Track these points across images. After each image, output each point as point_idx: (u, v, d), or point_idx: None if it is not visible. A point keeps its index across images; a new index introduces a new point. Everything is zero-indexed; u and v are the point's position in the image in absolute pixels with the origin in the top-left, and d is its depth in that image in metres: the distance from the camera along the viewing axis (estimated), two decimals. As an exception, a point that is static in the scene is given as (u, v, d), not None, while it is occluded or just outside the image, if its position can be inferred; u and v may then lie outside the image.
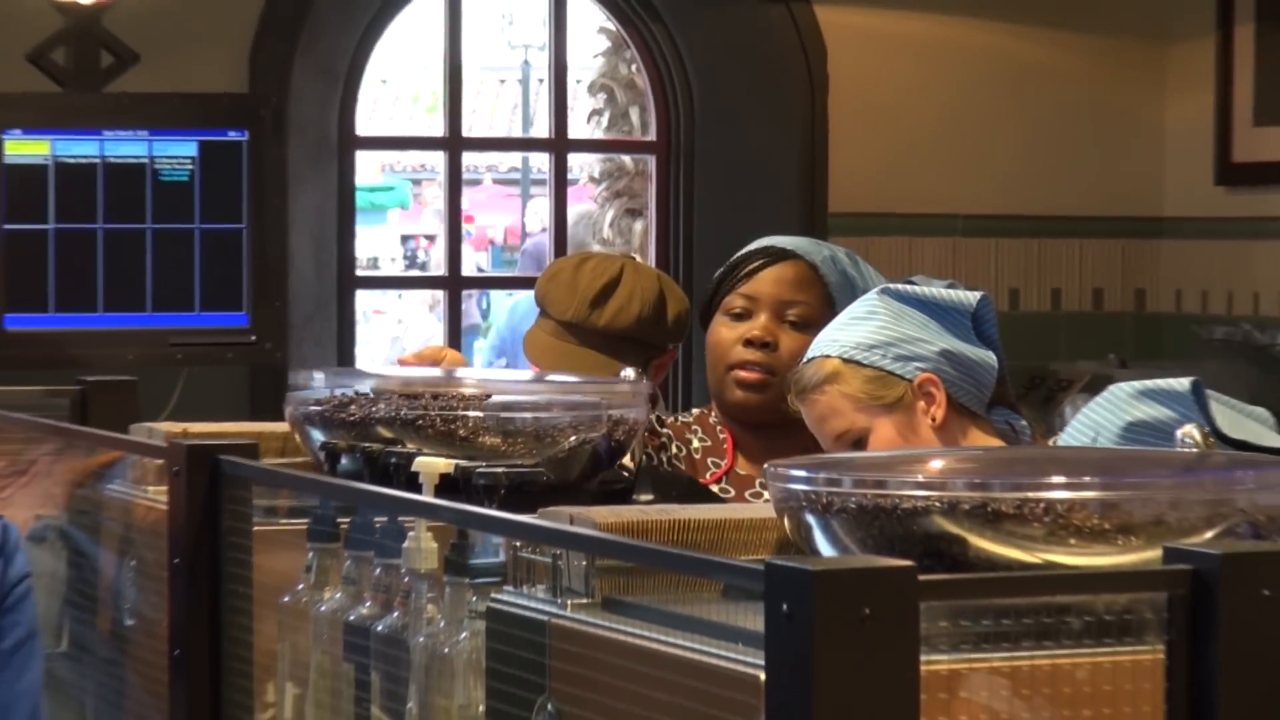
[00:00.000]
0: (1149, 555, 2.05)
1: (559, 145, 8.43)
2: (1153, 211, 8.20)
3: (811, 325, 4.57)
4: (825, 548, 2.16)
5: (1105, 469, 2.34)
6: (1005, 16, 8.01)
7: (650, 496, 3.22)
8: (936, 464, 2.48)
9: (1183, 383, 3.44)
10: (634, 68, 8.37)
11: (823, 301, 4.69)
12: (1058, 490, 2.16)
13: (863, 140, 7.95)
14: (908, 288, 4.20)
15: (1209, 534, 2.10)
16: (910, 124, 7.98)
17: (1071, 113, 8.14)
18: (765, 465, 2.35)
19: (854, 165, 7.94)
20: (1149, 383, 3.50)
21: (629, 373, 5.14)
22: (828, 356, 4.02)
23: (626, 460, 3.35)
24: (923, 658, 1.86)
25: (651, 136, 8.32)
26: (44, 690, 3.45)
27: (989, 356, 4.09)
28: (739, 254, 4.96)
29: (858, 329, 4.06)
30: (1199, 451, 3.01)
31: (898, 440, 4.00)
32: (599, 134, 8.67)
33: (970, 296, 4.15)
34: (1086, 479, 2.19)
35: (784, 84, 7.95)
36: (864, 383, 3.97)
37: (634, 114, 8.46)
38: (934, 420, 3.97)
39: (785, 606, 1.83)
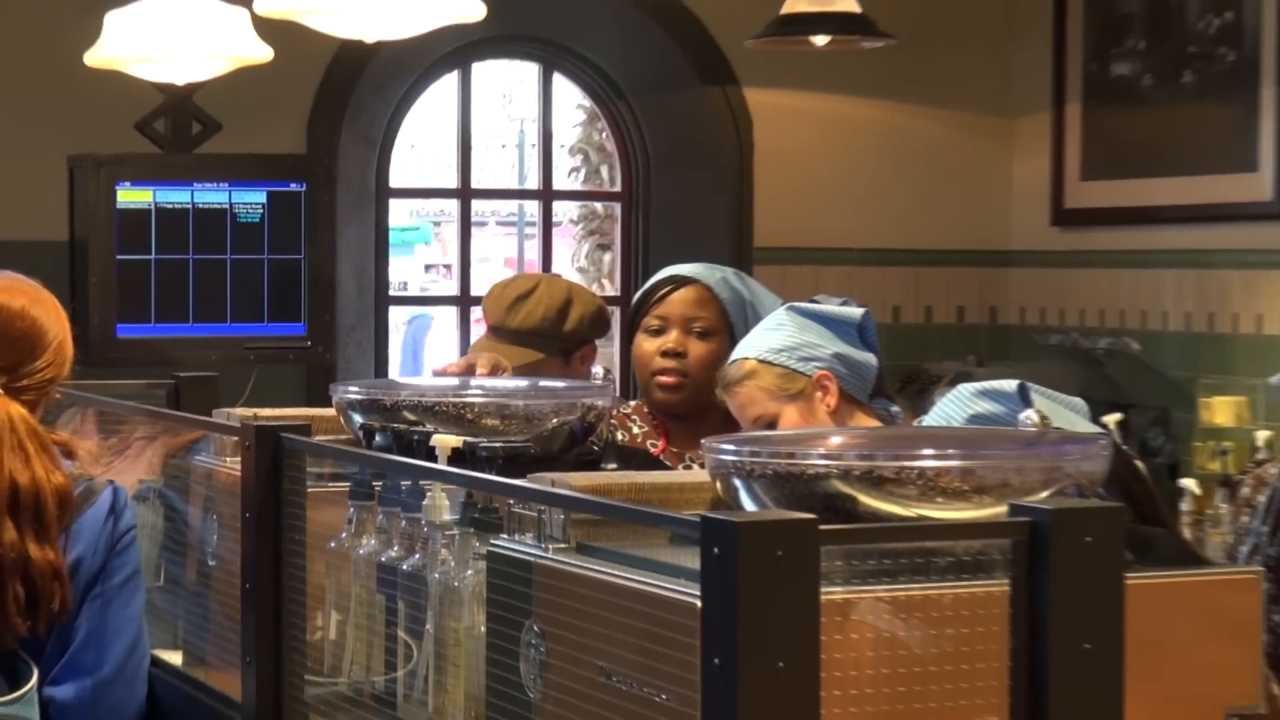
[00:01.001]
0: (997, 510, 2.07)
1: (546, 195, 8.43)
2: (1003, 246, 8.22)
3: (713, 334, 4.71)
4: (748, 504, 2.19)
5: (964, 443, 2.39)
6: (889, 96, 8.01)
7: (615, 465, 3.23)
8: (834, 441, 2.54)
9: (1011, 384, 3.52)
10: (604, 135, 8.36)
11: (719, 315, 4.75)
12: (927, 460, 2.19)
13: (780, 191, 7.94)
14: (808, 305, 4.33)
15: (1044, 494, 2.13)
16: (816, 178, 7.97)
17: (941, 171, 8.15)
18: (702, 441, 2.34)
19: (773, 210, 7.94)
20: (985, 384, 3.58)
21: (599, 370, 5.18)
22: (747, 358, 4.10)
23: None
24: (823, 589, 1.88)
25: (617, 188, 8.32)
26: (145, 615, 3.44)
27: (871, 358, 4.24)
28: (650, 282, 5.17)
29: (770, 337, 4.17)
30: (1037, 430, 3.03)
31: (801, 423, 4.10)
32: (577, 186, 8.66)
33: (856, 312, 4.30)
34: (950, 451, 2.22)
35: (719, 148, 7.95)
36: (775, 378, 4.09)
37: (604, 171, 8.45)
38: (829, 407, 4.09)
39: (716, 550, 1.85)
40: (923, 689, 2.06)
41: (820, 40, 7.04)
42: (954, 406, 3.54)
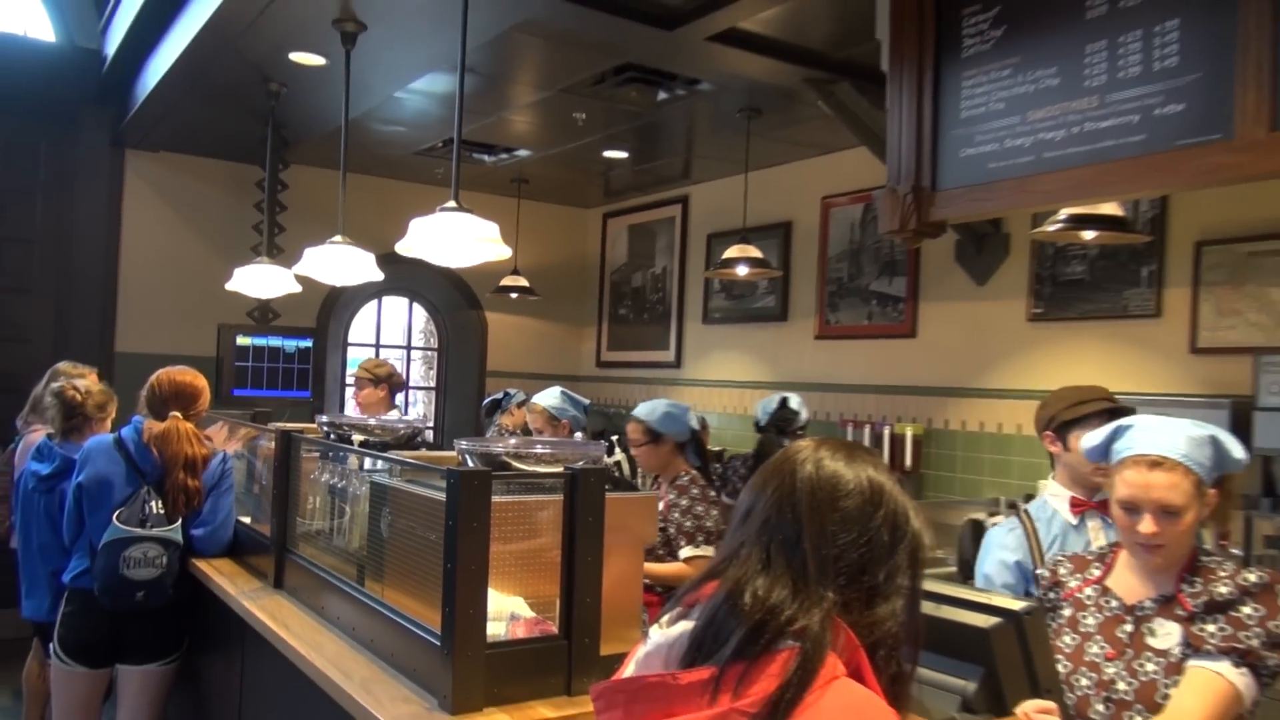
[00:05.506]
0: (560, 469, 2.06)
1: (409, 348, 8.22)
2: (577, 373, 8.19)
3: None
4: (471, 464, 2.13)
5: (556, 445, 2.35)
6: (543, 318, 7.99)
7: (425, 449, 3.15)
8: (510, 441, 2.46)
9: (684, 405, 3.53)
10: (432, 327, 8.20)
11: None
12: (540, 449, 2.15)
13: (500, 347, 7.86)
14: (566, 391, 4.22)
15: (580, 463, 2.09)
16: (512, 345, 7.92)
17: (558, 344, 8.13)
18: (454, 441, 2.19)
19: (498, 357, 7.85)
20: (669, 402, 3.53)
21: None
22: (539, 404, 4.07)
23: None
24: (493, 497, 1.85)
25: (436, 347, 8.15)
26: (235, 502, 3.28)
27: (583, 417, 4.32)
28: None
29: (553, 398, 4.12)
30: (583, 440, 3.02)
31: (554, 436, 4.11)
32: (422, 345, 8.45)
33: (585, 400, 4.22)
34: (548, 448, 2.18)
35: (474, 335, 7.84)
36: (550, 416, 4.05)
37: (432, 340, 8.26)
38: (565, 431, 4.13)
39: (452, 481, 1.81)
40: (534, 539, 2.02)
41: (513, 295, 7.10)
42: (659, 403, 3.41)
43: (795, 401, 4.65)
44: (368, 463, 2.66)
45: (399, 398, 4.95)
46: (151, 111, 5.59)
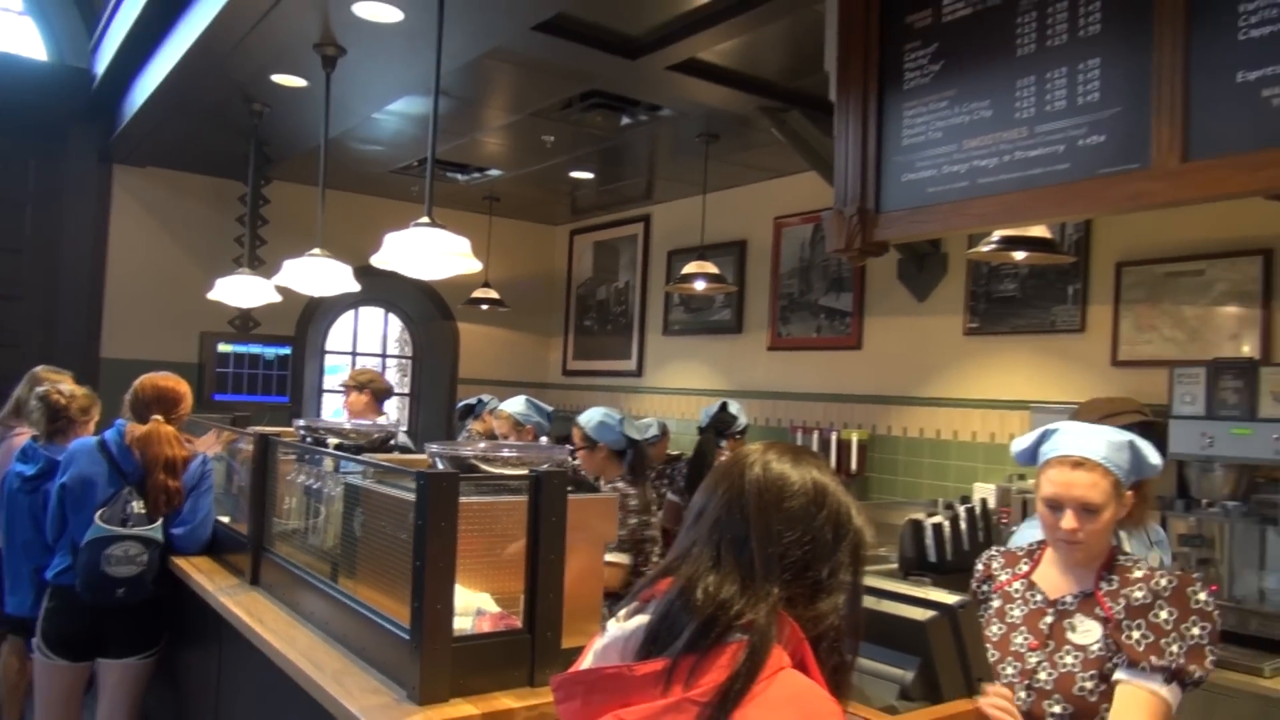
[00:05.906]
0: (525, 470, 2.03)
1: (384, 356, 8.12)
2: (544, 381, 8.14)
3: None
4: (440, 467, 2.10)
5: (521, 449, 2.32)
6: (510, 328, 7.94)
7: (397, 451, 3.11)
8: (480, 446, 2.41)
9: (616, 413, 3.41)
10: (407, 336, 8.12)
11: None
12: (506, 453, 2.14)
13: (471, 354, 7.80)
14: (533, 400, 4.16)
15: (544, 465, 2.07)
16: (484, 354, 7.87)
17: (524, 354, 8.06)
18: (425, 445, 2.17)
19: (469, 363, 7.79)
20: (607, 410, 3.43)
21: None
22: (505, 410, 4.00)
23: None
24: (460, 498, 1.84)
25: (410, 355, 8.07)
26: (214, 501, 3.22)
27: (546, 424, 4.19)
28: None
29: (519, 405, 4.05)
30: (547, 445, 2.99)
31: (519, 441, 4.01)
32: (396, 353, 8.37)
33: (549, 408, 4.16)
34: (514, 451, 2.16)
35: (447, 344, 7.78)
36: (515, 421, 3.96)
37: (406, 349, 8.18)
38: (530, 436, 4.02)
39: (421, 482, 1.79)
40: (503, 535, 2.01)
41: (484, 307, 7.02)
42: (597, 412, 3.34)
43: (734, 407, 4.69)
44: (345, 465, 2.63)
45: (386, 405, 4.87)
46: (138, 128, 5.50)
